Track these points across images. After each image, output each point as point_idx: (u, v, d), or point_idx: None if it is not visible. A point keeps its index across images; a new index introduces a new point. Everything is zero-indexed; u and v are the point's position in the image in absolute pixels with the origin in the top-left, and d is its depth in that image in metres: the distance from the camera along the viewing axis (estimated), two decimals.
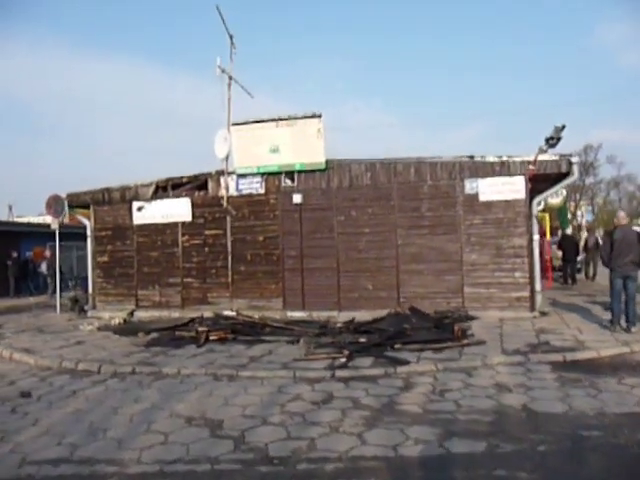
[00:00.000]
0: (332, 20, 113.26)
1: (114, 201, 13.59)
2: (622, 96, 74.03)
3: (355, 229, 11.71)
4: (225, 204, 12.47)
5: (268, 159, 12.11)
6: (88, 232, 13.97)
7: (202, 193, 12.89)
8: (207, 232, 12.81)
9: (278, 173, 12.19)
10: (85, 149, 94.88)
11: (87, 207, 13.95)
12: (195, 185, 12.96)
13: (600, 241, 11.18)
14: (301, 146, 11.83)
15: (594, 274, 18.00)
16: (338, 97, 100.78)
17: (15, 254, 20.12)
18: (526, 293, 10.69)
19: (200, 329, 9.94)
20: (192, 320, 10.90)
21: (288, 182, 12.14)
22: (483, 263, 10.93)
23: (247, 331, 9.61)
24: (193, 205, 12.89)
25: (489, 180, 10.85)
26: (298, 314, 11.70)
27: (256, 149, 12.14)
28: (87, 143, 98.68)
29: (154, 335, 10.09)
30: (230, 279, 12.59)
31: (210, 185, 12.80)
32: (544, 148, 10.95)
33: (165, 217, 13.11)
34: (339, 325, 9.82)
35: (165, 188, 13.23)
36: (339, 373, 6.74)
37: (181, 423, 5.17)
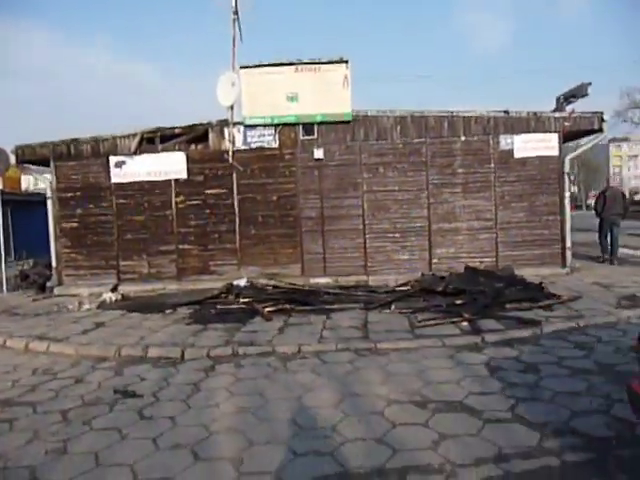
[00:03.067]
0: None
1: (84, 155, 11.29)
2: None
3: (383, 187, 10.90)
4: (231, 159, 10.93)
5: (284, 109, 10.76)
6: (48, 193, 11.53)
7: (201, 147, 11.16)
8: (208, 191, 11.17)
9: (295, 125, 10.90)
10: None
11: (46, 164, 11.46)
12: (191, 137, 11.16)
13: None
14: (324, 95, 10.65)
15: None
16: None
17: None
18: (558, 250, 10.77)
19: (243, 300, 8.63)
20: (227, 291, 9.41)
21: (306, 135, 10.93)
22: (516, 221, 10.78)
23: (304, 300, 8.47)
24: (189, 160, 11.13)
25: (524, 136, 10.63)
26: (322, 280, 10.69)
27: (270, 97, 10.71)
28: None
29: (186, 311, 8.55)
30: (238, 244, 11.15)
31: (211, 137, 11.10)
32: (564, 105, 11.00)
33: (153, 174, 11.18)
34: (401, 289, 9.06)
35: (152, 140, 11.25)
36: (488, 337, 6.06)
37: (426, 407, 4.18)
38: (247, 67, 10.65)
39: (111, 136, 11.24)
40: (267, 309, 8.10)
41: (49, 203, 11.52)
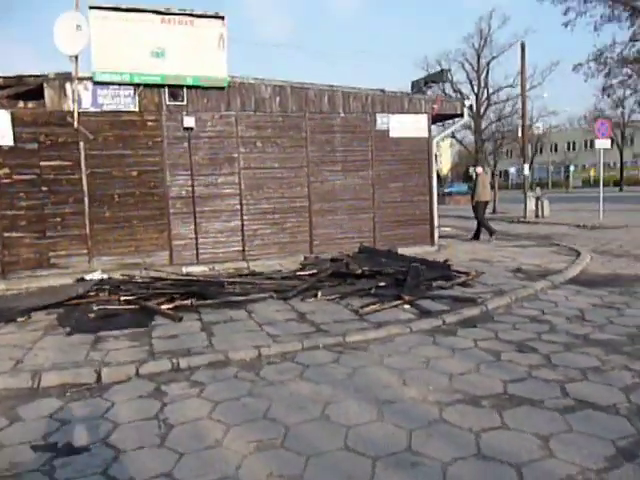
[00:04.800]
0: None
1: None
2: None
3: (261, 163, 9.89)
4: (76, 123, 8.74)
5: (148, 66, 8.96)
6: None
7: (32, 105, 8.66)
8: (44, 163, 8.75)
9: (159, 86, 9.18)
10: None
11: None
12: (18, 92, 8.60)
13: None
14: (196, 54, 9.16)
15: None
16: None
17: None
18: (427, 229, 11.16)
19: (125, 298, 6.92)
20: (98, 289, 7.42)
21: (173, 100, 9.29)
22: (391, 201, 10.83)
23: (202, 293, 7.10)
24: (15, 122, 8.57)
25: (398, 116, 10.68)
26: (196, 269, 9.31)
27: (129, 50, 8.81)
28: None
29: (46, 316, 6.51)
30: (88, 230, 9.02)
31: (48, 94, 8.68)
32: (424, 89, 11.43)
33: None
34: (302, 273, 8.26)
35: None
36: (447, 319, 5.72)
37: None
38: (99, 8, 8.54)
39: None
40: (164, 307, 6.61)
41: None
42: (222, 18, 9.22)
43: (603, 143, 16.81)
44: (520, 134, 22.19)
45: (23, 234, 8.75)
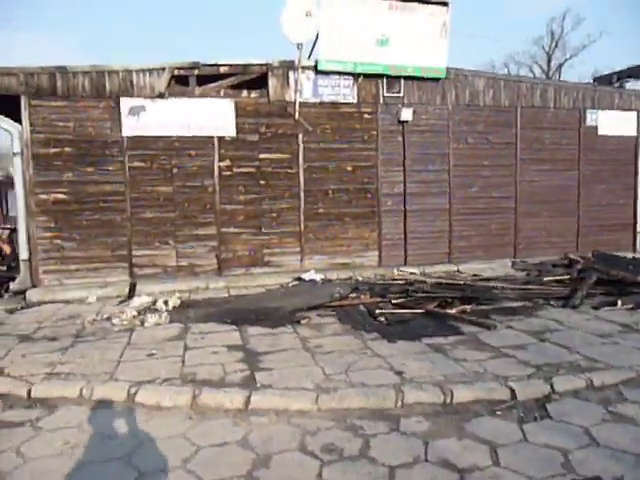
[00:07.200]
0: None
1: (79, 93, 7.59)
2: None
3: (472, 160, 9.27)
4: (297, 115, 8.30)
5: (371, 55, 8.47)
6: (15, 147, 7.54)
7: (255, 95, 8.26)
8: (263, 156, 8.34)
9: (377, 76, 8.67)
10: None
11: (9, 103, 7.43)
12: (242, 81, 8.21)
13: None
14: (417, 42, 8.62)
15: None
16: None
17: None
18: (630, 234, 10.34)
19: (396, 302, 6.38)
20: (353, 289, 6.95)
21: (389, 91, 8.77)
22: (596, 204, 10.03)
23: (478, 297, 6.52)
24: (238, 112, 8.18)
25: (608, 113, 9.91)
26: (408, 270, 8.72)
27: (354, 37, 8.34)
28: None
29: (321, 320, 6.02)
30: (302, 227, 8.57)
31: (271, 83, 8.27)
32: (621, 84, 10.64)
33: (187, 128, 7.99)
34: (549, 279, 7.57)
35: (185, 80, 8.02)
36: None
37: None
38: None
39: (123, 68, 7.74)
40: (451, 311, 6.04)
41: (17, 163, 7.57)
42: (446, 5, 8.65)
43: None
44: None
45: (240, 230, 8.35)
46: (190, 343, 5.28)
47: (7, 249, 8.75)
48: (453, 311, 6.05)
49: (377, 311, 6.09)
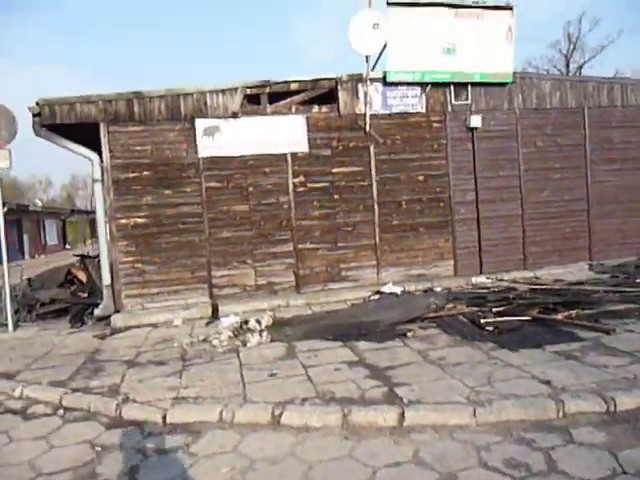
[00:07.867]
0: None
1: (155, 117, 7.64)
2: None
3: (542, 164, 9.11)
4: (367, 127, 8.25)
5: (438, 63, 8.42)
6: (96, 174, 7.61)
7: (325, 109, 8.24)
8: (336, 170, 8.30)
9: (445, 85, 8.61)
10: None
11: (88, 131, 7.51)
12: (312, 96, 8.21)
13: None
14: (483, 49, 8.55)
15: None
16: None
17: None
18: None
19: (497, 310, 6.22)
20: (449, 300, 6.81)
21: (457, 99, 8.69)
22: None
23: (581, 302, 6.33)
24: (310, 127, 8.17)
25: None
26: (481, 280, 8.56)
27: (421, 46, 8.30)
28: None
29: (425, 333, 5.88)
30: (377, 239, 8.47)
31: (341, 97, 8.25)
32: None
33: (260, 146, 7.99)
34: None
35: (256, 98, 8.04)
36: None
37: None
38: (397, 4, 8.09)
39: (197, 90, 7.78)
40: (558, 317, 5.85)
41: (97, 189, 7.62)
42: (511, 9, 8.59)
43: None
44: None
45: (316, 245, 8.27)
46: (305, 361, 5.16)
47: (82, 276, 8.80)
48: (560, 317, 5.87)
49: (482, 320, 5.92)
